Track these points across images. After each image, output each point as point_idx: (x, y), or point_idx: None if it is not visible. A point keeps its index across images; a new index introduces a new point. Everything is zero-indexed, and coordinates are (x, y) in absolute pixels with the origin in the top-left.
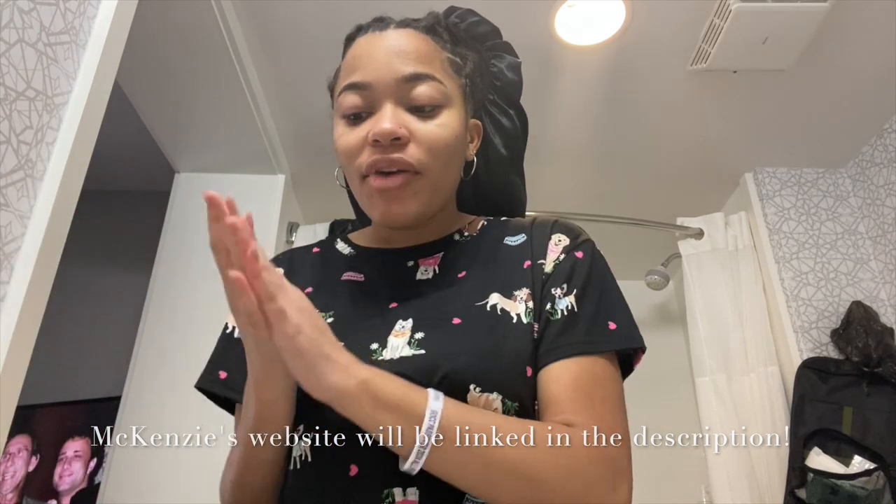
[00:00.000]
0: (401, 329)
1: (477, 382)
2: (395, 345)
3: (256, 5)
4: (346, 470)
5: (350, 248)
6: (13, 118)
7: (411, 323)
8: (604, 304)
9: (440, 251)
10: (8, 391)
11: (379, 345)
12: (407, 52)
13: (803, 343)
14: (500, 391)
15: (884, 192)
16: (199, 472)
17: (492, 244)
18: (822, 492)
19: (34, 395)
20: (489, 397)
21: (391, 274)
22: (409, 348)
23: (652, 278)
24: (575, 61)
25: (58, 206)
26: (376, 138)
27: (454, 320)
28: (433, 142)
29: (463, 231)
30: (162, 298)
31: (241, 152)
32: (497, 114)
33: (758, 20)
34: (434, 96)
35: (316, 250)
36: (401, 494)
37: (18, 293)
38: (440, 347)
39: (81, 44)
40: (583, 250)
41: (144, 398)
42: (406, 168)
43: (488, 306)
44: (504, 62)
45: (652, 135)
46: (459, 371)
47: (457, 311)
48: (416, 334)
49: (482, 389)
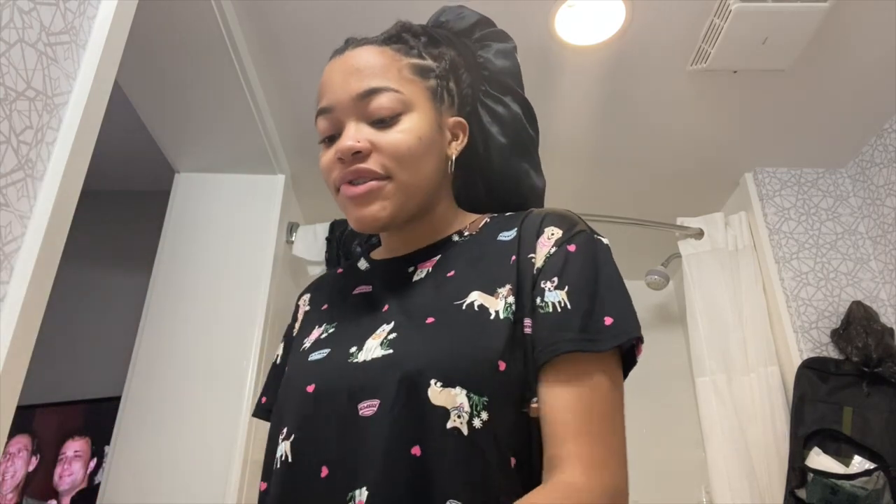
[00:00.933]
0: (381, 332)
1: (438, 378)
2: (369, 346)
3: (256, 5)
4: (318, 472)
5: (367, 264)
6: (13, 118)
7: (392, 325)
8: (599, 299)
9: (438, 253)
10: (8, 391)
11: (357, 347)
12: (360, 69)
13: (803, 343)
14: (464, 386)
15: (884, 192)
16: (199, 472)
17: (486, 241)
18: (822, 492)
19: (34, 395)
20: (451, 392)
21: (393, 281)
22: (381, 349)
23: (652, 278)
24: (575, 61)
25: (58, 206)
26: (339, 156)
27: (428, 319)
28: (396, 148)
29: (463, 231)
30: (162, 298)
31: (241, 152)
32: (492, 104)
33: (758, 20)
34: (392, 106)
35: (340, 271)
36: (361, 495)
37: (18, 293)
38: (406, 346)
39: (81, 44)
40: (576, 243)
41: (144, 398)
42: (373, 176)
43: (464, 305)
44: (490, 51)
45: (652, 135)
46: (420, 368)
47: (434, 310)
48: (390, 335)
49: (444, 385)
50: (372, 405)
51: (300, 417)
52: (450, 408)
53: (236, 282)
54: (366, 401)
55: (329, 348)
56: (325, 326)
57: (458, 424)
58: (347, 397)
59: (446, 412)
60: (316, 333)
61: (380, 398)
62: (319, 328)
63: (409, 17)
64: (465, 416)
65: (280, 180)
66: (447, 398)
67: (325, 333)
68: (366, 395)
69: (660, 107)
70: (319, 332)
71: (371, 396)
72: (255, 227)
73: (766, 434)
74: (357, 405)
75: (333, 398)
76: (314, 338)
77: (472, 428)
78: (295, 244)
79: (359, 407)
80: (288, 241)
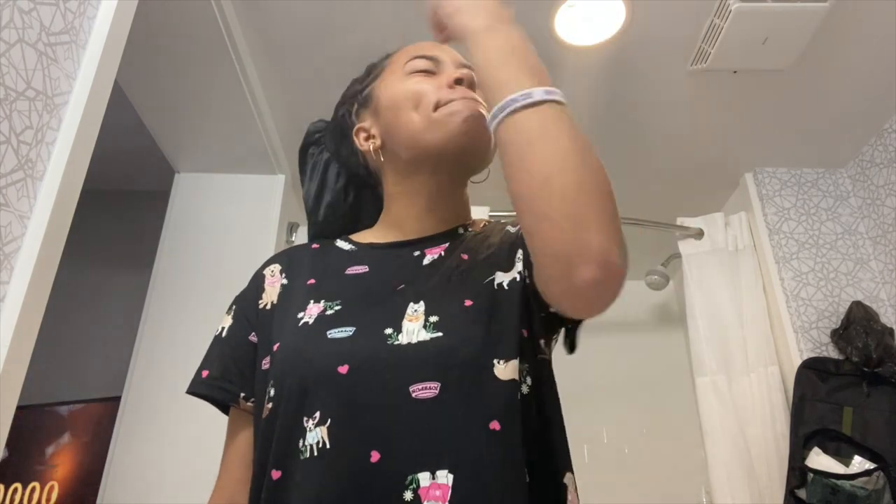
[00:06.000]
0: (413, 313)
1: (498, 357)
2: (410, 329)
3: (256, 5)
4: (367, 456)
5: (351, 245)
6: (13, 118)
7: (423, 306)
8: None
9: (446, 241)
10: (8, 391)
11: (393, 329)
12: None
13: (803, 343)
14: (516, 357)
15: (884, 192)
16: (199, 471)
17: (495, 232)
18: (822, 492)
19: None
20: (513, 363)
21: (396, 263)
22: (426, 332)
23: (652, 278)
24: (575, 61)
25: (58, 206)
26: (459, 76)
27: (466, 302)
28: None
29: (467, 227)
30: (162, 298)
31: (241, 152)
32: None
33: (758, 20)
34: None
35: (315, 246)
36: (427, 479)
37: (18, 293)
38: (457, 331)
39: (81, 44)
40: None
41: (144, 398)
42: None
43: (495, 284)
44: None
45: (652, 135)
46: (480, 350)
47: (466, 292)
48: (430, 317)
49: (504, 360)
50: (429, 387)
51: (336, 400)
52: (516, 378)
53: (236, 282)
54: (420, 383)
55: (352, 327)
56: (325, 303)
57: (523, 391)
58: (397, 380)
59: (515, 383)
60: (315, 309)
61: (440, 380)
62: (317, 304)
63: (408, 18)
64: (525, 383)
65: (280, 180)
66: (512, 370)
67: (329, 310)
68: (420, 377)
69: (660, 107)
70: (320, 307)
71: (427, 379)
72: (256, 227)
73: (766, 434)
74: (408, 388)
75: (378, 381)
76: (315, 313)
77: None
78: (295, 244)
79: (411, 389)
80: (288, 241)
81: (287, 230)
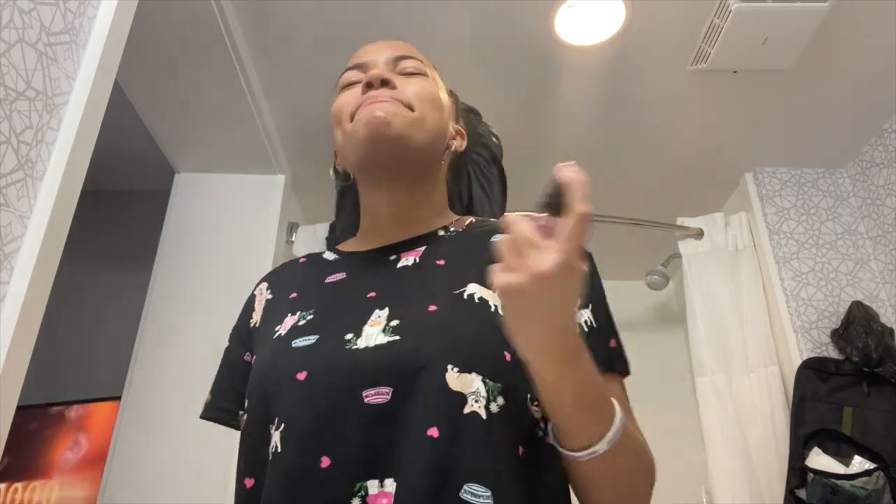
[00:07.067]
0: (377, 318)
1: (454, 364)
2: (369, 333)
3: (256, 5)
4: (317, 461)
5: (335, 255)
6: (13, 118)
7: (387, 311)
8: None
9: (424, 245)
10: (8, 391)
11: (353, 334)
12: (395, 45)
13: (803, 343)
14: (479, 372)
15: (884, 192)
16: (199, 471)
17: (478, 238)
18: (822, 492)
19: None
20: (468, 377)
21: (372, 268)
22: (385, 335)
23: (652, 278)
24: (575, 61)
25: (58, 206)
26: (368, 80)
27: (430, 307)
28: (420, 89)
29: (449, 227)
30: (162, 298)
31: (241, 152)
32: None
33: (758, 20)
34: (418, 67)
35: (302, 261)
36: (376, 487)
37: (18, 293)
38: (416, 333)
39: (81, 44)
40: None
41: (144, 398)
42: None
43: (465, 295)
44: (484, 128)
45: (652, 135)
46: (435, 355)
47: (433, 298)
48: (391, 322)
49: (460, 370)
50: (381, 392)
51: (292, 406)
52: (466, 393)
53: (236, 282)
54: (373, 388)
55: (316, 334)
56: (300, 314)
57: (476, 409)
58: (348, 385)
59: (463, 397)
60: (290, 321)
61: (392, 385)
62: (293, 315)
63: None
64: (483, 400)
65: (280, 180)
66: (464, 383)
67: (302, 320)
68: (372, 382)
69: (660, 107)
70: (294, 319)
71: (379, 384)
72: (256, 227)
73: (766, 434)
74: (361, 393)
75: (331, 386)
76: (289, 325)
77: (489, 412)
78: (295, 244)
79: (364, 395)
80: (288, 241)
81: (287, 230)
